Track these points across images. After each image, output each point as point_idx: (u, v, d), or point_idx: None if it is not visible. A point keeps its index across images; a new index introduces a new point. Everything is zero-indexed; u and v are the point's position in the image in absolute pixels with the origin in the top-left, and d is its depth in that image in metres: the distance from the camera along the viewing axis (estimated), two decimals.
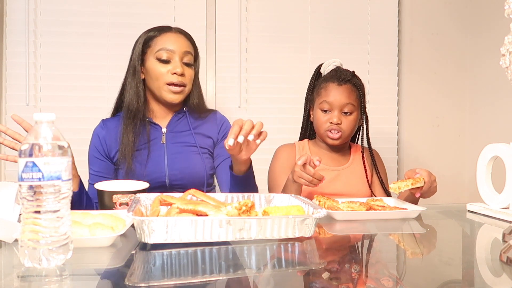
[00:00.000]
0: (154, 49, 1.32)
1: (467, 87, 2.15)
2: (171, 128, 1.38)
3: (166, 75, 1.31)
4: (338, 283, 0.60)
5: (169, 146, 1.35)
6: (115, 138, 1.34)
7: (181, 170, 1.33)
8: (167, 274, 0.64)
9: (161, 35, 1.34)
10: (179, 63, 1.32)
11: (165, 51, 1.31)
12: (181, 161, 1.34)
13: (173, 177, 1.32)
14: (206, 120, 1.42)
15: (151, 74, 1.32)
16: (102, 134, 1.37)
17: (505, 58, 0.82)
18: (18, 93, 1.88)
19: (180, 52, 1.32)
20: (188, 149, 1.36)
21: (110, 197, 1.00)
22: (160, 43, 1.32)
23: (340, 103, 1.39)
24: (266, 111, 2.04)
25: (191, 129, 1.38)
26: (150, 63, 1.33)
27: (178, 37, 1.35)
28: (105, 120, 1.40)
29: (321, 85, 1.44)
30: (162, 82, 1.31)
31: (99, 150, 1.36)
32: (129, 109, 1.32)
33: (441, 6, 2.13)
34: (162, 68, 1.31)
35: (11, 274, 0.64)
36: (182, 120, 1.40)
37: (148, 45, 1.34)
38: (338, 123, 1.39)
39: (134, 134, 1.30)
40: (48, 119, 0.64)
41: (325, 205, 1.05)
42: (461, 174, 2.15)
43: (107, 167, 1.36)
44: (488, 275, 0.67)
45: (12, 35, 1.88)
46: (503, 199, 1.08)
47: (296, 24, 2.06)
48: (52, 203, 0.62)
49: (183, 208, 0.81)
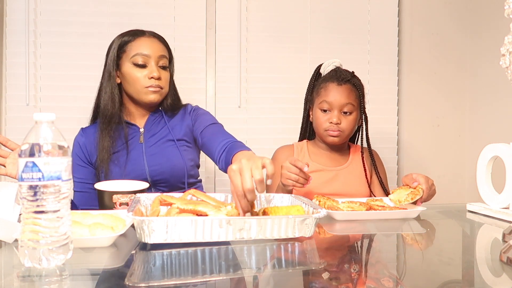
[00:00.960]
0: (129, 54, 1.34)
1: (467, 87, 2.15)
2: (148, 127, 1.40)
3: (143, 79, 1.32)
4: (338, 283, 0.60)
5: (147, 144, 1.37)
6: (94, 145, 1.36)
7: (161, 165, 1.34)
8: (167, 274, 0.64)
9: (136, 40, 1.35)
10: (155, 67, 1.33)
11: (140, 56, 1.32)
12: (160, 156, 1.35)
13: (153, 173, 1.33)
14: (179, 114, 1.44)
15: (128, 79, 1.34)
16: (82, 141, 1.38)
17: (505, 58, 0.82)
18: (18, 93, 1.88)
19: (156, 57, 1.34)
20: (165, 144, 1.37)
21: (110, 197, 1.00)
22: (135, 48, 1.34)
23: (339, 103, 1.39)
24: (266, 111, 2.04)
25: (166, 124, 1.40)
26: (126, 68, 1.34)
27: (152, 41, 1.36)
28: (84, 128, 1.42)
29: (321, 85, 1.45)
30: (140, 86, 1.33)
31: (81, 158, 1.37)
32: (104, 114, 1.34)
33: (441, 6, 2.13)
34: (139, 73, 1.33)
35: (11, 274, 0.64)
36: (158, 118, 1.41)
37: (123, 50, 1.35)
38: (338, 122, 1.39)
39: (110, 138, 1.32)
40: (48, 119, 0.64)
41: (325, 205, 1.05)
42: (461, 174, 2.15)
43: (90, 172, 1.37)
44: (488, 275, 0.67)
45: (12, 35, 1.88)
46: (503, 199, 1.08)
47: (296, 24, 2.06)
48: (52, 203, 0.62)
49: (183, 208, 0.81)
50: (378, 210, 1.04)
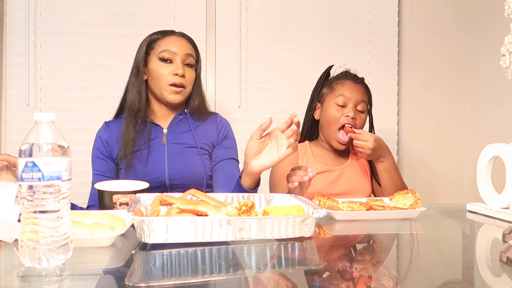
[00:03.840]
0: (157, 51, 1.36)
1: (467, 87, 2.15)
2: (172, 128, 1.39)
3: (168, 75, 1.34)
4: (338, 283, 0.60)
5: (169, 147, 1.36)
6: (117, 139, 1.36)
7: (181, 170, 1.34)
8: (167, 274, 0.64)
9: (165, 37, 1.38)
10: (180, 64, 1.35)
11: (167, 52, 1.35)
12: (181, 161, 1.35)
13: (172, 177, 1.33)
14: (206, 122, 1.43)
15: (153, 74, 1.36)
16: (104, 136, 1.39)
17: (505, 58, 0.82)
18: (18, 93, 1.88)
19: (182, 54, 1.36)
20: (188, 149, 1.37)
21: (110, 197, 1.00)
22: (163, 45, 1.36)
23: (356, 99, 1.42)
24: (266, 111, 2.04)
25: (191, 129, 1.39)
26: (152, 64, 1.36)
27: (180, 40, 1.39)
28: (108, 122, 1.43)
29: (335, 81, 1.47)
30: (164, 83, 1.34)
31: (102, 151, 1.38)
32: (131, 108, 1.35)
33: (441, 6, 2.13)
34: (164, 69, 1.34)
35: (11, 274, 0.64)
36: (183, 121, 1.41)
37: (152, 47, 1.38)
38: (354, 117, 1.40)
39: (135, 132, 1.33)
40: (48, 119, 0.64)
41: (325, 205, 1.05)
42: (461, 174, 2.15)
43: (109, 166, 1.37)
44: (488, 275, 0.67)
45: (12, 35, 1.88)
46: (503, 199, 1.08)
47: (296, 24, 2.06)
48: (52, 203, 0.62)
49: (183, 208, 0.81)
50: (378, 210, 1.04)
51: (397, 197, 1.14)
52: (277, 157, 1.09)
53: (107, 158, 1.38)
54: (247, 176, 1.13)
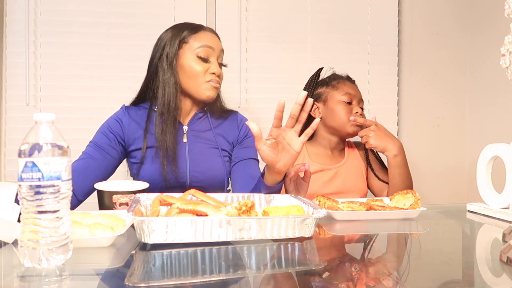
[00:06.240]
0: (193, 46, 1.30)
1: (467, 87, 2.15)
2: (192, 126, 1.35)
3: (205, 74, 1.29)
4: (338, 283, 0.60)
5: (191, 146, 1.32)
6: (136, 129, 1.30)
7: (203, 172, 1.30)
8: (167, 274, 0.64)
9: (199, 32, 1.32)
10: (216, 63, 1.32)
11: (206, 48, 1.29)
12: (203, 162, 1.31)
13: (194, 178, 1.29)
14: (227, 121, 1.40)
15: (188, 72, 1.29)
16: (124, 119, 1.31)
17: (505, 58, 0.82)
18: (18, 93, 1.88)
19: (218, 50, 1.33)
20: (210, 150, 1.33)
21: (110, 197, 1.00)
22: (200, 39, 1.30)
23: (359, 97, 1.51)
24: (266, 111, 2.04)
25: (212, 129, 1.35)
26: (187, 60, 1.29)
27: (214, 36, 1.35)
28: (127, 107, 1.35)
29: (335, 81, 1.51)
30: (201, 80, 1.29)
31: (113, 131, 1.30)
32: (165, 105, 1.27)
33: (441, 6, 2.13)
34: (201, 67, 1.29)
35: (11, 274, 0.64)
36: (203, 119, 1.37)
37: (185, 41, 1.31)
38: (362, 114, 1.48)
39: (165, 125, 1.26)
40: (48, 119, 0.64)
41: (325, 205, 1.05)
42: (461, 174, 2.15)
43: (111, 148, 1.29)
44: (488, 275, 0.67)
45: (12, 35, 1.88)
46: (503, 199, 1.08)
47: (296, 24, 2.06)
48: (52, 203, 0.62)
49: (183, 208, 0.81)
50: (378, 210, 1.04)
51: (397, 197, 1.14)
52: (295, 152, 1.08)
53: (115, 140, 1.30)
54: (273, 175, 1.11)
